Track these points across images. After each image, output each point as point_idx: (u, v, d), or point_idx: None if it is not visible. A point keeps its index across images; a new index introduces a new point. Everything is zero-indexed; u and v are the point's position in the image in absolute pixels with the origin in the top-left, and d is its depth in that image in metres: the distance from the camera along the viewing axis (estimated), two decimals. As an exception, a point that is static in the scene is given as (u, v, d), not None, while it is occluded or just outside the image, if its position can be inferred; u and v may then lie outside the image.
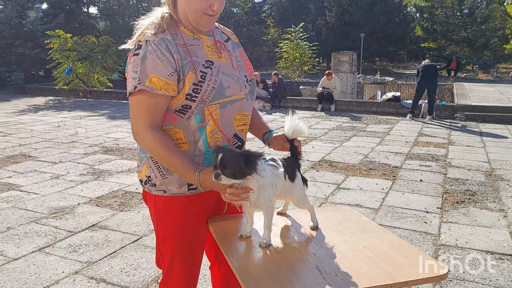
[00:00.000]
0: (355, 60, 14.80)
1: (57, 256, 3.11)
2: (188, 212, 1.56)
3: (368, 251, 1.44)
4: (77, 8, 24.59)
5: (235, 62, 1.59)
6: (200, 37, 1.52)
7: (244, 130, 1.59)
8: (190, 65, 1.44)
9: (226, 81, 1.50)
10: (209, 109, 1.46)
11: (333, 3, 33.95)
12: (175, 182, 1.52)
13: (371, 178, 5.22)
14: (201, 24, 1.47)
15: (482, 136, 8.10)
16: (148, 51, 1.40)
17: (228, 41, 1.65)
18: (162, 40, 1.41)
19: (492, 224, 3.81)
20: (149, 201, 1.60)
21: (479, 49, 28.87)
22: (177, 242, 1.57)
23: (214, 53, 1.53)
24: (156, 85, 1.39)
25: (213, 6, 1.43)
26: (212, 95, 1.45)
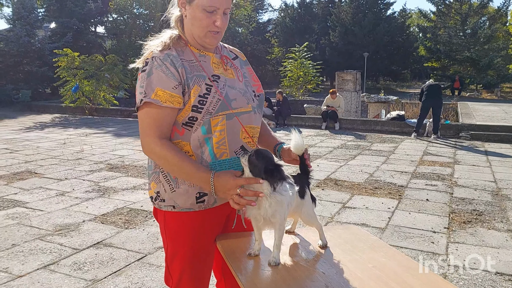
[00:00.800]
0: (359, 79, 14.89)
1: (62, 274, 3.09)
2: (198, 229, 1.56)
3: (377, 270, 1.43)
4: (84, 28, 25.02)
5: (242, 77, 1.63)
6: (206, 54, 1.57)
7: (251, 143, 1.60)
8: (195, 78, 1.48)
9: (232, 93, 1.53)
10: (215, 120, 1.48)
11: (336, 23, 34.37)
12: (184, 194, 1.52)
13: (376, 197, 5.20)
14: (206, 41, 1.52)
15: (488, 156, 8.06)
16: (153, 66, 1.46)
17: (236, 59, 1.69)
18: (167, 56, 1.47)
19: (500, 244, 3.76)
20: (159, 217, 1.61)
21: (483, 68, 28.97)
22: (186, 259, 1.57)
23: (221, 68, 1.57)
24: (161, 98, 1.43)
25: (216, 22, 1.48)
26: (217, 106, 1.48)
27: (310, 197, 1.58)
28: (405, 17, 37.35)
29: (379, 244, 1.68)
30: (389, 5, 35.71)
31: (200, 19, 1.47)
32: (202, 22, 1.47)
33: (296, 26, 37.02)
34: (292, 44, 21.04)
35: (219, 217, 1.61)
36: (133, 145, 8.94)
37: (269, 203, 1.39)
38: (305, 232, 1.73)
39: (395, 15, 36.35)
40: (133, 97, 15.09)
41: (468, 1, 31.59)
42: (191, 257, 1.57)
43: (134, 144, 9.15)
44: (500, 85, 29.94)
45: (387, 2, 35.54)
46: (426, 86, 10.37)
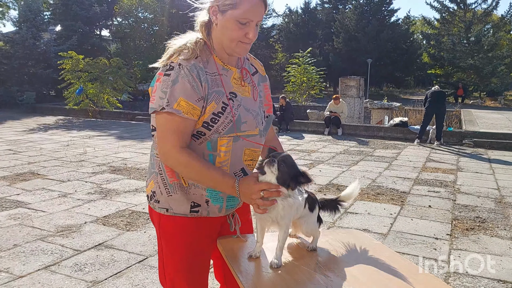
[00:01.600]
0: (362, 85, 14.90)
1: (63, 275, 3.09)
2: (191, 233, 1.56)
3: (379, 274, 1.42)
4: (90, 31, 25.17)
5: (257, 96, 1.62)
6: (229, 68, 1.54)
7: (251, 166, 1.60)
8: (214, 94, 1.46)
9: (244, 116, 1.52)
10: (222, 140, 1.48)
11: (340, 29, 34.45)
12: (178, 201, 1.53)
13: (379, 203, 5.18)
14: (236, 51, 1.50)
15: (491, 163, 8.03)
16: (180, 75, 1.42)
17: (256, 74, 1.67)
18: (194, 67, 1.44)
19: (503, 252, 3.74)
20: (154, 217, 1.62)
21: (486, 76, 28.95)
22: (179, 261, 1.57)
23: (239, 85, 1.56)
24: (184, 109, 1.41)
25: (248, 34, 1.45)
26: (228, 127, 1.48)
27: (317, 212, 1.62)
28: (409, 24, 37.44)
29: (381, 248, 1.67)
30: (393, 12, 35.80)
31: (232, 30, 1.44)
32: (234, 34, 1.44)
33: (300, 31, 37.13)
34: (296, 49, 21.10)
35: (213, 225, 1.61)
36: (136, 148, 8.96)
37: (282, 206, 1.41)
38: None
39: (399, 22, 36.43)
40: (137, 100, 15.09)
41: (472, 9, 31.64)
42: (186, 259, 1.57)
43: (137, 147, 9.17)
44: (503, 93, 29.92)
45: (391, 9, 35.64)
46: (430, 92, 10.36)
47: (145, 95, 21.68)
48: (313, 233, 1.60)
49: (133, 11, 25.77)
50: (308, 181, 1.40)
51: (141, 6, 25.56)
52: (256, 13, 1.44)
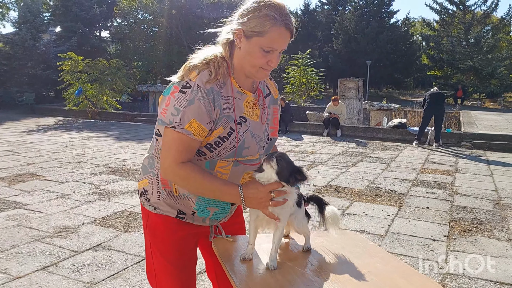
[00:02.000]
0: (361, 87, 14.92)
1: (60, 276, 3.10)
2: (177, 233, 1.59)
3: (373, 275, 1.42)
4: (89, 32, 25.22)
5: (265, 120, 1.62)
6: (244, 92, 1.53)
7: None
8: (224, 119, 1.46)
9: (248, 141, 1.53)
10: (222, 163, 1.50)
11: (340, 30, 34.51)
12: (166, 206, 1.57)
13: (377, 204, 5.19)
14: (256, 76, 1.50)
15: (490, 164, 8.04)
16: (197, 97, 1.41)
17: (268, 96, 1.66)
18: (211, 91, 1.43)
19: (501, 253, 3.74)
20: (143, 212, 1.66)
21: (486, 78, 29.00)
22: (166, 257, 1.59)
23: (251, 109, 1.55)
24: (194, 130, 1.42)
25: (271, 62, 1.45)
26: (229, 153, 1.49)
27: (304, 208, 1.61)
28: (408, 26, 37.50)
29: (375, 250, 1.68)
30: (393, 14, 35.88)
31: (256, 57, 1.43)
32: (257, 61, 1.44)
33: (299, 33, 36.18)
34: (295, 51, 21.12)
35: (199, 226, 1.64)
36: (134, 149, 8.96)
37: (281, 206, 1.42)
38: (301, 236, 1.73)
39: (398, 23, 36.50)
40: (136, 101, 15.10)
41: (472, 11, 31.72)
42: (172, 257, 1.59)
43: (136, 148, 9.17)
44: (503, 94, 29.94)
45: (391, 10, 35.71)
46: (428, 94, 10.36)
47: (144, 96, 21.70)
48: (304, 230, 1.60)
49: (133, 12, 25.81)
50: (304, 178, 1.42)
51: (140, 7, 25.59)
52: (281, 42, 1.43)
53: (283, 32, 1.41)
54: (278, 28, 1.39)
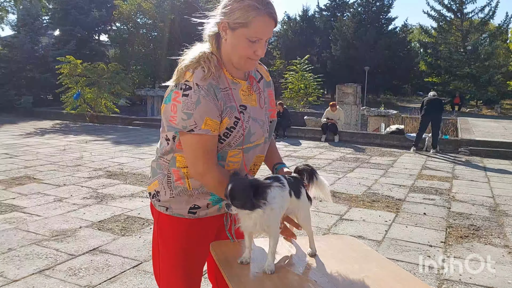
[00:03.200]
0: (359, 93, 14.98)
1: (57, 279, 3.09)
2: (188, 234, 1.60)
3: (370, 280, 1.43)
4: (88, 36, 25.26)
5: (263, 103, 1.65)
6: (238, 81, 1.56)
7: (253, 170, 1.66)
8: (228, 110, 1.49)
9: (254, 127, 1.56)
10: (233, 152, 1.54)
11: (338, 36, 34.62)
12: (180, 203, 1.58)
13: (374, 210, 5.20)
14: (244, 66, 1.53)
15: (486, 171, 8.07)
16: (201, 95, 1.43)
17: (261, 80, 1.69)
18: (210, 86, 1.46)
19: (497, 260, 3.75)
20: (154, 214, 1.68)
21: (483, 85, 29.12)
22: (175, 258, 1.62)
23: (247, 95, 1.58)
24: (211, 127, 1.45)
25: (257, 51, 1.48)
26: (239, 141, 1.52)
27: (306, 198, 1.58)
28: (406, 33, 37.61)
29: (372, 255, 1.69)
30: (391, 21, 36.01)
31: (242, 47, 1.46)
32: (243, 51, 1.47)
33: (298, 39, 37.28)
34: (294, 56, 21.20)
35: (209, 227, 1.65)
36: (132, 153, 8.96)
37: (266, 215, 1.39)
38: (300, 240, 1.74)
39: (396, 30, 36.61)
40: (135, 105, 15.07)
41: (469, 18, 31.89)
42: (181, 259, 1.61)
43: (134, 152, 9.17)
44: (500, 101, 30.07)
45: (389, 17, 35.86)
46: (426, 99, 10.38)
47: (142, 100, 21.71)
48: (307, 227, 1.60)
49: (132, 16, 25.85)
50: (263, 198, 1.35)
51: (140, 11, 25.64)
52: (266, 31, 1.46)
53: (267, 21, 1.44)
54: (262, 17, 1.42)
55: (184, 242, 1.60)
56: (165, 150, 1.57)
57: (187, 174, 1.55)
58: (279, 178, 1.50)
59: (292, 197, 1.50)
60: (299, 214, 1.58)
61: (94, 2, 25.51)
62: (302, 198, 1.56)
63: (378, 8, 35.29)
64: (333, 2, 41.12)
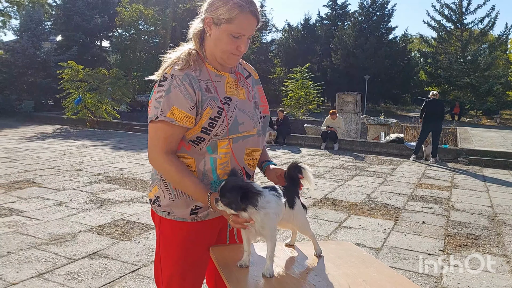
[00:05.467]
0: (359, 101, 15.02)
1: (56, 283, 3.09)
2: (190, 239, 1.61)
3: (368, 285, 1.45)
4: (90, 42, 25.38)
5: (252, 97, 1.69)
6: (222, 74, 1.61)
7: (251, 164, 1.67)
8: (209, 100, 1.53)
9: (240, 117, 1.59)
10: (222, 142, 1.55)
11: (339, 45, 34.85)
12: (181, 206, 1.60)
13: (373, 218, 5.20)
14: (227, 62, 1.58)
15: (486, 181, 8.08)
16: (172, 85, 1.49)
17: (249, 77, 1.74)
18: (186, 76, 1.51)
19: (495, 269, 3.76)
20: (155, 220, 1.69)
21: (483, 95, 29.23)
22: (177, 264, 1.62)
23: (234, 89, 1.62)
24: (177, 117, 1.49)
25: (240, 47, 1.54)
26: (225, 130, 1.54)
27: (301, 207, 1.62)
28: (406, 42, 37.89)
29: (370, 260, 1.71)
30: (391, 30, 36.30)
31: (225, 43, 1.52)
32: (226, 46, 1.52)
33: (299, 47, 37.51)
34: (295, 64, 21.31)
35: (211, 229, 1.66)
36: (132, 158, 8.97)
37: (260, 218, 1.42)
38: (301, 245, 1.76)
39: (396, 39, 36.89)
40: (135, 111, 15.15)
41: (469, 29, 32.11)
42: (182, 263, 1.62)
43: (134, 157, 9.18)
44: (499, 111, 30.16)
45: (389, 27, 36.14)
46: (428, 102, 10.24)
47: (143, 106, 21.77)
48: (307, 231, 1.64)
49: (134, 23, 25.98)
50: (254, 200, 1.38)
51: (142, 18, 25.78)
52: (249, 28, 1.52)
53: (250, 18, 1.51)
54: (245, 15, 1.49)
55: (186, 246, 1.61)
56: None
57: None
58: (276, 188, 1.53)
59: (286, 207, 1.53)
60: (295, 222, 1.61)
61: (97, 9, 25.66)
62: (296, 208, 1.59)
63: (378, 17, 35.58)
64: (334, 11, 41.46)
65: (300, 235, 1.78)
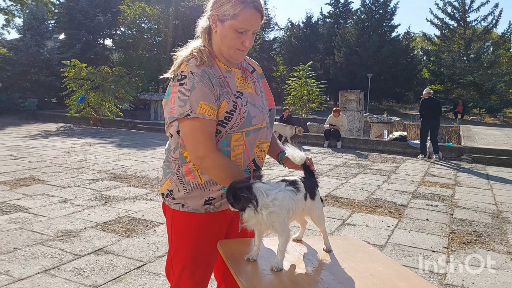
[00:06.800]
0: (362, 99, 15.02)
1: (62, 279, 3.12)
2: (202, 230, 1.64)
3: (375, 278, 1.46)
4: (93, 40, 25.43)
5: (259, 91, 1.73)
6: (232, 69, 1.65)
7: (261, 156, 1.71)
8: (225, 95, 1.57)
9: (253, 111, 1.63)
10: (236, 135, 1.58)
11: (341, 43, 34.77)
12: (195, 198, 1.62)
13: (377, 215, 5.21)
14: (234, 57, 1.62)
15: (489, 179, 8.08)
16: (195, 81, 1.52)
17: (254, 72, 1.78)
18: (204, 72, 1.54)
19: (499, 266, 3.76)
20: (167, 213, 1.71)
21: (486, 93, 29.13)
22: (188, 257, 1.65)
23: (243, 83, 1.66)
24: (206, 111, 1.51)
25: (245, 42, 1.57)
26: (240, 123, 1.58)
27: (320, 198, 1.66)
28: (409, 40, 37.75)
29: (376, 255, 1.72)
30: (394, 28, 36.18)
31: (230, 38, 1.55)
32: (232, 42, 1.56)
33: (301, 45, 37.46)
34: (297, 62, 21.29)
35: (222, 220, 1.68)
36: (136, 156, 9.00)
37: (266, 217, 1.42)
38: (310, 240, 1.78)
39: (399, 37, 36.76)
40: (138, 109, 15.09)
41: (472, 27, 31.97)
42: (193, 256, 1.64)
43: (137, 155, 9.21)
44: (503, 110, 30.05)
45: (392, 24, 36.03)
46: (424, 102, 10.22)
47: (146, 105, 21.81)
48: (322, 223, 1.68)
49: (137, 21, 26.01)
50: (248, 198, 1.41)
51: (144, 16, 25.80)
52: (253, 23, 1.55)
53: (254, 13, 1.54)
54: (249, 10, 1.52)
55: (198, 238, 1.64)
56: (171, 148, 1.64)
57: (196, 167, 1.59)
58: (295, 182, 1.54)
59: (307, 199, 1.56)
60: (314, 214, 1.65)
61: (100, 7, 25.71)
62: (317, 199, 1.64)
63: (381, 15, 35.47)
64: (336, 9, 41.37)
65: (307, 230, 1.80)
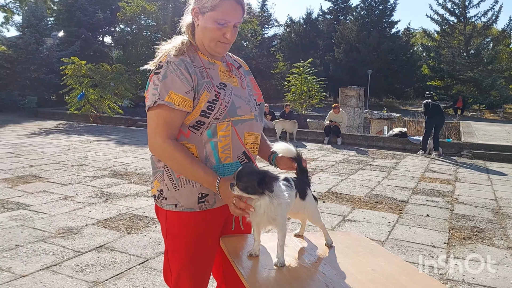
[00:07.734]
0: (362, 96, 15.00)
1: (64, 275, 3.13)
2: (197, 229, 1.61)
3: (376, 273, 1.47)
4: (92, 37, 25.34)
5: (245, 85, 1.72)
6: (215, 62, 1.65)
7: (252, 149, 1.69)
8: (205, 85, 1.56)
9: (237, 101, 1.62)
10: (221, 125, 1.57)
11: (341, 40, 34.69)
12: (186, 194, 1.59)
13: (377, 211, 5.22)
14: (216, 50, 1.62)
15: (489, 174, 8.09)
16: (168, 70, 1.52)
17: (240, 68, 1.78)
18: (181, 61, 1.55)
19: (500, 261, 3.78)
20: (160, 216, 1.68)
21: (486, 89, 29.08)
22: (185, 257, 1.63)
23: (227, 76, 1.66)
24: (175, 101, 1.51)
25: (226, 35, 1.58)
26: (224, 113, 1.56)
27: (312, 197, 1.65)
28: (409, 36, 37.65)
29: (378, 250, 1.73)
30: (394, 24, 36.05)
31: (211, 30, 1.56)
32: (213, 34, 1.56)
33: (301, 41, 37.36)
34: (297, 59, 21.26)
35: (218, 218, 1.66)
36: (136, 153, 9.01)
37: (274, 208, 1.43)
38: (311, 235, 1.79)
39: (399, 34, 36.64)
40: (138, 106, 15.14)
41: (472, 22, 31.89)
42: (190, 256, 1.62)
43: (138, 152, 9.21)
44: (503, 105, 30.02)
45: (392, 21, 35.90)
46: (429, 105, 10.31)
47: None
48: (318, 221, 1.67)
49: (136, 18, 25.93)
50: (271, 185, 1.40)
51: (144, 13, 25.71)
52: (233, 15, 1.56)
53: (233, 5, 1.55)
54: (229, 1, 1.53)
55: (194, 238, 1.61)
56: None
57: None
58: (288, 179, 1.55)
59: (297, 198, 1.56)
60: (306, 212, 1.64)
61: (99, 4, 25.63)
62: (308, 199, 1.62)
63: (381, 11, 35.35)
64: (336, 5, 41.22)
65: (308, 226, 1.80)
